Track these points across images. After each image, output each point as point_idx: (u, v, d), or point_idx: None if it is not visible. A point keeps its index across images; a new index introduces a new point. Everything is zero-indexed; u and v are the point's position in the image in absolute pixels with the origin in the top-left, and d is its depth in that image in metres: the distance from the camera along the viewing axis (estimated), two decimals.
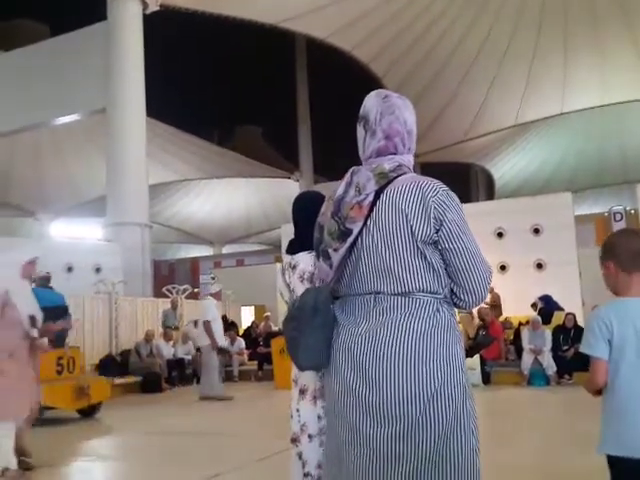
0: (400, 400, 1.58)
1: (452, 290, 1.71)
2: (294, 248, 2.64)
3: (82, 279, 14.67)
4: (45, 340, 4.70)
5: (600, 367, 1.99)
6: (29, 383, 4.41)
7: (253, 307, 17.77)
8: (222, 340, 9.73)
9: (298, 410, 2.54)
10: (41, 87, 17.19)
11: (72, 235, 23.75)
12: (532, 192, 21.28)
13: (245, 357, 13.55)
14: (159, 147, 21.52)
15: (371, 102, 1.86)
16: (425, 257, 1.66)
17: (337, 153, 25.26)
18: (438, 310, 1.66)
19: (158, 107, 18.77)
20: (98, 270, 15.45)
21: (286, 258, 2.67)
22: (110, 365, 11.72)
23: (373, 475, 1.61)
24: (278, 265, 18.56)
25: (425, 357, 1.60)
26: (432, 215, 1.64)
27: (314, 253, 2.58)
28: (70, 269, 15.16)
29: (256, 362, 12.84)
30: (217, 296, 9.91)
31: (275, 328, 13.73)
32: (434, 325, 1.64)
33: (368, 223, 1.71)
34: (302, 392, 2.53)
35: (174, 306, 13.71)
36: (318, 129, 28.59)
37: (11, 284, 4.33)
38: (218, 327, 9.40)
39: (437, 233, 1.66)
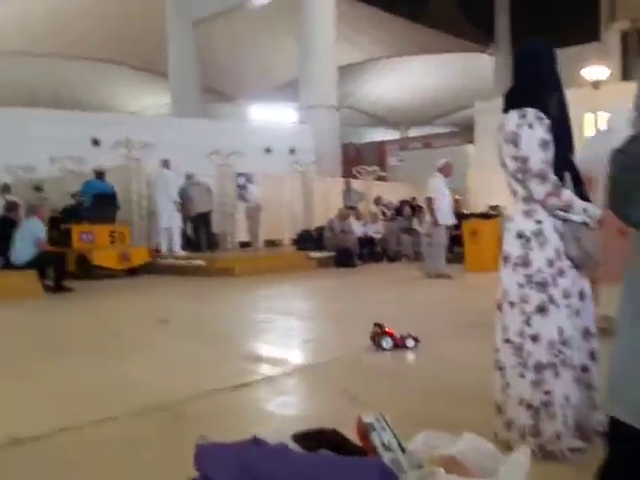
0: None
1: None
2: (506, 104, 2.47)
3: (279, 160, 15.61)
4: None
5: None
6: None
7: None
8: (447, 218, 9.19)
9: (501, 277, 2.49)
10: None
11: (269, 119, 24.94)
12: None
13: None
14: (347, 25, 21.19)
15: None
16: None
17: (536, 24, 22.58)
18: None
19: None
20: (292, 151, 16.25)
21: (501, 117, 2.51)
22: (307, 239, 12.56)
23: None
24: (469, 146, 17.87)
25: None
26: None
27: (523, 112, 2.32)
28: (268, 150, 16.16)
29: None
30: (445, 170, 9.13)
31: (465, 211, 13.42)
32: None
33: None
34: (505, 259, 2.48)
35: (348, 187, 14.33)
36: None
37: None
38: (443, 204, 9.00)
39: None
